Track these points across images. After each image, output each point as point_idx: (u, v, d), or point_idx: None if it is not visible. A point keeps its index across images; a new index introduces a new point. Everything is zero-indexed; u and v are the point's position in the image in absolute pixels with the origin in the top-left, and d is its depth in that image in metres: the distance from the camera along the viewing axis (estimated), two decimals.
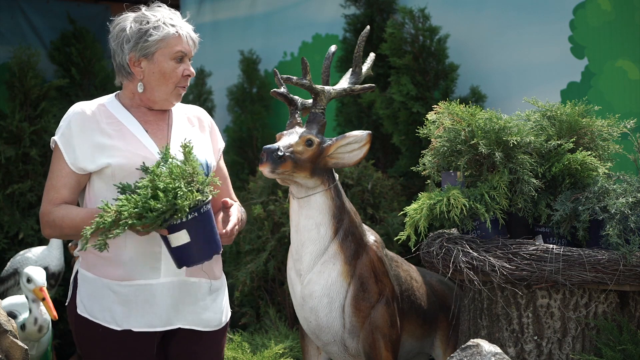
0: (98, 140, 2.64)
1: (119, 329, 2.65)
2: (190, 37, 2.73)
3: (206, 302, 2.77)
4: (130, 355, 2.68)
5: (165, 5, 2.78)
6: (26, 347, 2.78)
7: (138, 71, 2.70)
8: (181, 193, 2.42)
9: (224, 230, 2.67)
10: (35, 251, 4.67)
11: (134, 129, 2.69)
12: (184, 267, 2.62)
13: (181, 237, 2.49)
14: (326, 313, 3.10)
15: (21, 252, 4.72)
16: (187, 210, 2.44)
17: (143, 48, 2.67)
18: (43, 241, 5.24)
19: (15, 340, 2.76)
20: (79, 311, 2.68)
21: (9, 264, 4.70)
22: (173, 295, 2.69)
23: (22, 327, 3.88)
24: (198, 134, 2.83)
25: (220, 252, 2.61)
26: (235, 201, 2.96)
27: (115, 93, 2.80)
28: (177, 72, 2.70)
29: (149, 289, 2.66)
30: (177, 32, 2.69)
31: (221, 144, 2.94)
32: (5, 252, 5.54)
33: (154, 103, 2.74)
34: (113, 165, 2.62)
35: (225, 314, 2.88)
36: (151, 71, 2.69)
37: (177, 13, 2.77)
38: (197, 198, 2.47)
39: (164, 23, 2.69)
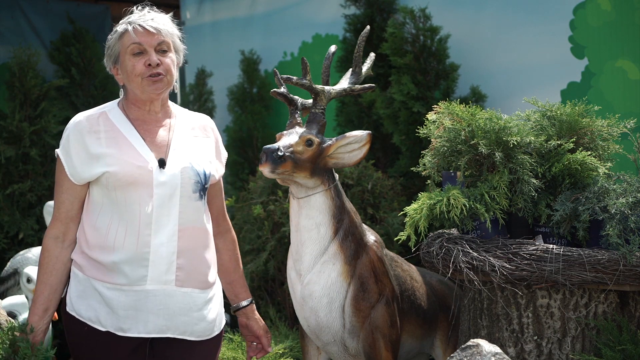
0: (95, 150, 2.65)
1: (102, 329, 2.65)
2: (149, 26, 2.67)
3: (202, 312, 2.76)
4: (113, 357, 2.68)
5: (149, 7, 2.76)
6: None
7: (119, 78, 2.75)
8: None
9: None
10: (35, 251, 4.66)
11: (132, 138, 2.70)
12: (173, 276, 2.65)
13: None
14: (326, 313, 3.10)
15: (21, 252, 4.71)
16: None
17: (110, 56, 2.74)
18: None
19: None
20: (67, 309, 2.70)
21: (9, 264, 4.70)
22: (163, 304, 2.67)
23: None
24: (200, 143, 2.81)
25: None
26: (226, 220, 2.97)
27: (119, 99, 2.81)
28: (137, 65, 2.67)
29: (136, 294, 2.66)
30: (125, 28, 2.69)
31: (224, 156, 2.92)
32: (5, 252, 5.55)
33: (140, 101, 2.74)
34: (107, 173, 2.63)
35: (219, 321, 2.85)
36: (124, 73, 2.72)
37: (151, 12, 2.74)
38: None
39: (121, 24, 2.72)
